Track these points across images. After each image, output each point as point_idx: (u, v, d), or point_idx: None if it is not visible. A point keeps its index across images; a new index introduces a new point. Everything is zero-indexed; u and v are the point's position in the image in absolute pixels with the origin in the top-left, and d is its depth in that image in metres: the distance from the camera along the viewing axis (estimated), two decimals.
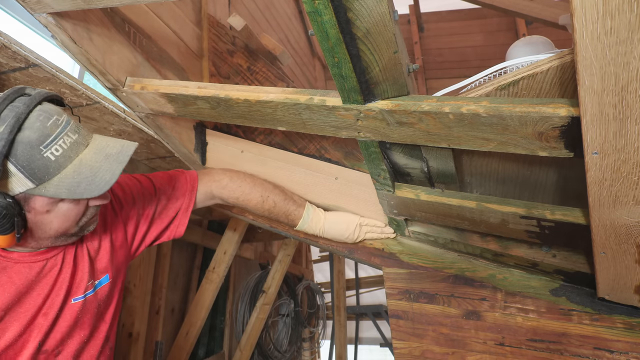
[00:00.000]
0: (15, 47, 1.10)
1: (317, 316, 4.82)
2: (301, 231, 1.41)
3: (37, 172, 0.79)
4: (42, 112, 0.81)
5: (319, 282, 5.37)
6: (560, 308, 1.16)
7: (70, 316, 0.97)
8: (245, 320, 3.39)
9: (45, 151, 0.79)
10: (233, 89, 1.10)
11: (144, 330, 2.35)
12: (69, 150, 0.83)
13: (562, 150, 0.74)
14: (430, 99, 0.81)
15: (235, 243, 2.80)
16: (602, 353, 1.09)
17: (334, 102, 0.90)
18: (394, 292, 1.36)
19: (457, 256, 1.31)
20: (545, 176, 0.96)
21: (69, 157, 0.83)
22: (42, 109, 0.82)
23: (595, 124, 0.61)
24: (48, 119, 0.81)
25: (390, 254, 1.39)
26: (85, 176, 0.83)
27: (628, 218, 0.74)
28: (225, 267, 2.77)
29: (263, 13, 2.78)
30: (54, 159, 0.80)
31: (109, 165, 0.86)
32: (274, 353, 3.77)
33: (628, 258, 0.85)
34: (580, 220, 0.89)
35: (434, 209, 1.11)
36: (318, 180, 1.46)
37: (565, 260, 1.11)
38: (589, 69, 0.55)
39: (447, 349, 1.25)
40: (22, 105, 0.79)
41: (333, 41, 0.72)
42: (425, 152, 0.99)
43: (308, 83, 3.61)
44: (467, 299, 1.26)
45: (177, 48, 1.52)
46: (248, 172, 1.54)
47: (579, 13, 0.50)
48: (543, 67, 0.72)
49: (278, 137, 1.53)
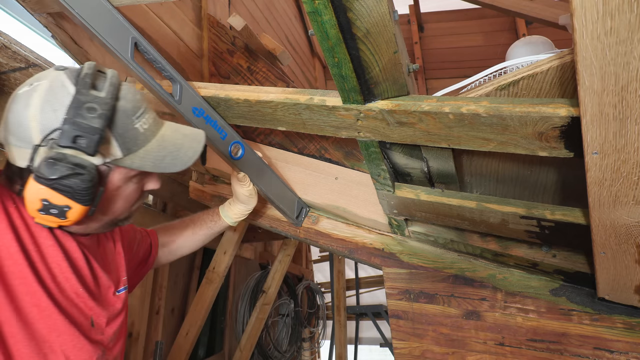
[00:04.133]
0: (15, 47, 1.10)
1: (317, 316, 4.82)
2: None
3: (127, 142, 0.78)
4: (129, 85, 0.82)
5: (319, 282, 5.37)
6: (560, 308, 1.16)
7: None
8: (245, 320, 3.39)
9: (136, 122, 0.79)
10: (233, 89, 1.10)
11: (144, 330, 2.35)
12: (153, 125, 0.84)
13: (562, 150, 0.74)
14: (430, 99, 0.81)
15: (235, 243, 2.80)
16: (602, 353, 1.09)
17: (334, 102, 0.90)
18: (394, 292, 1.36)
19: (457, 256, 1.31)
20: (545, 176, 0.96)
21: (152, 132, 0.83)
22: (126, 83, 0.82)
23: (595, 124, 0.61)
24: (135, 92, 0.82)
25: (390, 254, 1.39)
26: (170, 151, 0.83)
27: (628, 218, 0.74)
28: (225, 267, 2.77)
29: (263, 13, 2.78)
30: (142, 131, 0.80)
31: (189, 142, 0.87)
32: (274, 353, 3.77)
33: (628, 258, 0.85)
34: (580, 220, 0.89)
35: (434, 209, 1.11)
36: (318, 180, 1.46)
37: (565, 260, 1.11)
38: (589, 69, 0.55)
39: (447, 349, 1.25)
40: (114, 76, 0.79)
41: (333, 41, 0.72)
42: (425, 152, 0.99)
43: (308, 83, 3.61)
44: (467, 299, 1.26)
45: (177, 48, 1.52)
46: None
47: (579, 13, 0.50)
48: (543, 67, 0.72)
49: (278, 137, 1.53)
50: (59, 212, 0.74)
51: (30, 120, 0.73)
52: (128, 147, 0.79)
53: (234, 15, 1.71)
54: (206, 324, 2.98)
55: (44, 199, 0.73)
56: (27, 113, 0.73)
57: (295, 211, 1.46)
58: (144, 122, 0.81)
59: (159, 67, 1.01)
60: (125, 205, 0.88)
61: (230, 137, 1.18)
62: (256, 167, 1.28)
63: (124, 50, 0.92)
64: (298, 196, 1.47)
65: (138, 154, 0.81)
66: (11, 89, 1.28)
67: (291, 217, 1.45)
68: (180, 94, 1.04)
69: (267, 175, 1.33)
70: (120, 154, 0.78)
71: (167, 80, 1.04)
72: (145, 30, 1.38)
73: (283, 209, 1.40)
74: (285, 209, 1.41)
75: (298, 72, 3.42)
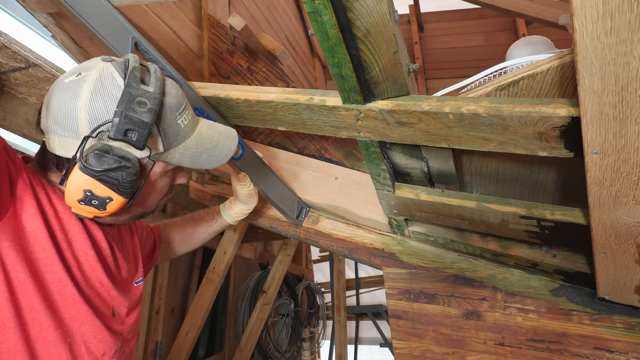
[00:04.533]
0: (15, 47, 1.10)
1: (317, 316, 4.82)
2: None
3: (170, 137, 0.80)
4: (171, 81, 0.83)
5: (319, 282, 5.37)
6: (560, 308, 1.16)
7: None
8: (245, 320, 3.39)
9: (179, 118, 0.81)
10: (233, 89, 1.10)
11: (144, 330, 2.35)
12: (192, 121, 0.85)
13: (562, 150, 0.74)
14: (430, 99, 0.81)
15: (235, 243, 2.80)
16: (602, 353, 1.09)
17: (334, 102, 0.90)
18: (394, 292, 1.36)
19: (457, 256, 1.31)
20: (545, 176, 0.96)
21: (191, 128, 0.85)
22: (168, 78, 0.84)
23: (595, 124, 0.61)
24: (178, 88, 0.83)
25: (390, 254, 1.39)
26: (207, 148, 0.85)
27: (628, 218, 0.74)
28: (225, 267, 2.77)
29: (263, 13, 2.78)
30: (183, 127, 0.82)
31: (224, 140, 0.89)
32: (274, 353, 3.77)
33: (628, 258, 0.85)
34: (580, 220, 0.89)
35: (434, 209, 1.11)
36: (318, 180, 1.46)
37: (565, 260, 1.11)
38: (589, 69, 0.55)
39: (447, 349, 1.25)
40: (157, 70, 0.80)
41: (333, 41, 0.72)
42: (425, 152, 0.99)
43: (308, 83, 3.61)
44: (467, 299, 1.26)
45: (177, 48, 1.52)
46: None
47: (579, 13, 0.50)
48: (543, 67, 0.72)
49: (278, 137, 1.53)
50: (100, 204, 0.75)
51: (79, 110, 0.72)
52: (170, 142, 0.80)
53: (234, 15, 1.71)
54: (206, 324, 2.97)
55: (87, 189, 0.73)
56: (77, 103, 0.72)
57: (296, 211, 1.46)
58: (184, 118, 0.82)
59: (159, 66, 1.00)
60: (157, 199, 0.89)
61: None
62: (256, 167, 1.28)
63: (124, 50, 0.92)
64: (298, 196, 1.47)
65: (178, 149, 0.82)
66: (11, 89, 1.28)
67: (291, 217, 1.45)
68: None
69: (267, 175, 1.33)
70: (162, 148, 0.80)
71: None
72: (145, 30, 1.38)
73: (283, 209, 1.40)
74: (285, 209, 1.41)
75: (298, 72, 3.42)
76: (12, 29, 2.43)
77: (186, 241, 1.34)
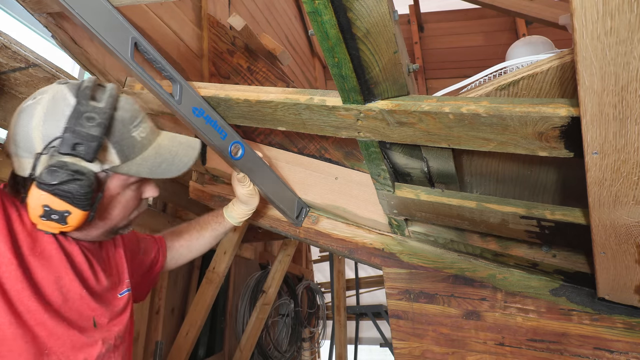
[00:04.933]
0: (15, 47, 1.10)
1: (317, 316, 4.82)
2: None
3: (125, 149, 0.82)
4: (127, 97, 0.87)
5: (319, 282, 5.37)
6: (560, 308, 1.16)
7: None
8: (245, 320, 3.39)
9: (134, 131, 0.84)
10: (233, 89, 1.10)
11: (144, 330, 2.35)
12: (150, 134, 0.89)
13: (562, 150, 0.74)
14: (430, 99, 0.81)
15: (235, 243, 2.80)
16: (602, 353, 1.09)
17: (334, 102, 0.90)
18: (394, 292, 1.36)
19: (457, 256, 1.31)
20: (545, 176, 0.96)
21: (149, 140, 0.88)
22: (125, 95, 0.87)
23: (595, 124, 0.61)
24: (133, 103, 0.87)
25: (390, 254, 1.39)
26: (165, 158, 0.88)
27: (628, 218, 0.74)
28: (225, 267, 2.77)
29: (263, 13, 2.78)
30: (139, 139, 0.85)
31: (184, 150, 0.92)
32: (274, 353, 3.77)
33: (628, 258, 0.85)
34: (580, 220, 0.89)
35: (434, 209, 1.11)
36: (318, 180, 1.46)
37: (565, 260, 1.11)
38: (589, 69, 0.55)
39: (447, 349, 1.25)
40: (113, 88, 0.84)
41: (333, 41, 0.72)
42: (425, 152, 0.99)
43: (308, 83, 3.61)
44: (467, 299, 1.26)
45: (177, 48, 1.53)
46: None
47: (579, 13, 0.50)
48: (543, 67, 0.72)
49: (278, 137, 1.53)
50: (60, 218, 0.77)
51: (34, 130, 0.76)
52: (125, 154, 0.83)
53: (234, 15, 1.71)
54: (206, 324, 2.97)
55: (45, 204, 0.76)
56: (31, 124, 0.77)
57: (296, 211, 1.46)
58: (141, 130, 0.85)
59: (158, 67, 1.01)
60: (123, 213, 0.91)
61: (230, 137, 1.18)
62: (256, 167, 1.28)
63: (124, 50, 0.92)
64: (298, 196, 1.47)
65: (135, 161, 0.84)
66: (11, 89, 1.28)
67: (291, 217, 1.45)
68: (181, 94, 1.04)
69: (267, 175, 1.33)
70: (118, 161, 0.82)
71: (167, 80, 1.04)
72: (145, 30, 1.38)
73: (283, 209, 1.40)
74: (285, 209, 1.41)
75: (298, 72, 3.42)
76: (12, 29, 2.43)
77: (193, 246, 1.36)
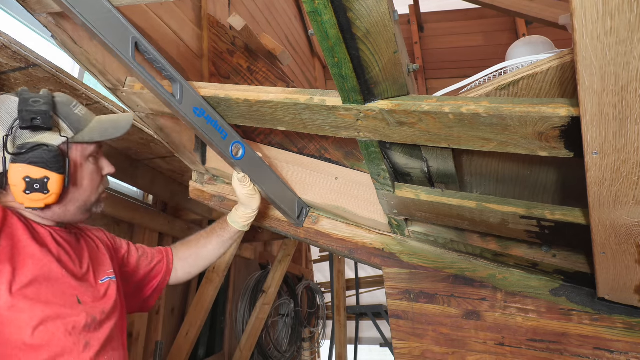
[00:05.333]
0: (15, 47, 1.10)
1: (317, 316, 4.82)
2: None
3: (74, 123, 0.99)
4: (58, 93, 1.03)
5: (319, 282, 5.37)
6: (560, 308, 1.16)
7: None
8: (245, 320, 3.39)
9: (75, 109, 1.01)
10: (233, 89, 1.10)
11: (144, 330, 2.36)
12: (87, 113, 1.06)
13: (562, 150, 0.74)
14: (430, 99, 0.81)
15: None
16: (602, 353, 1.09)
17: (334, 102, 0.90)
18: (394, 292, 1.36)
19: (457, 256, 1.31)
20: (545, 176, 0.96)
21: (90, 116, 1.06)
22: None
23: (595, 124, 0.61)
24: (65, 95, 1.02)
25: (390, 254, 1.39)
26: (109, 125, 1.05)
27: (628, 218, 0.74)
28: (225, 267, 2.77)
29: (263, 13, 2.78)
30: (82, 115, 1.02)
31: (122, 117, 1.10)
32: (274, 353, 3.77)
33: (628, 258, 0.85)
34: (580, 220, 0.89)
35: (434, 209, 1.11)
36: (318, 180, 1.46)
37: (565, 260, 1.11)
38: (589, 69, 0.55)
39: (447, 349, 1.25)
40: (46, 90, 0.98)
41: (333, 41, 0.72)
42: (425, 152, 0.99)
43: (308, 83, 3.61)
44: (467, 299, 1.26)
45: (177, 48, 1.53)
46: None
47: (579, 13, 0.50)
48: (543, 67, 0.72)
49: (278, 137, 1.53)
50: (42, 186, 0.89)
51: None
52: (75, 126, 0.99)
53: (234, 15, 1.71)
54: (206, 324, 2.97)
55: (25, 176, 0.88)
56: None
57: (297, 211, 1.46)
58: (80, 109, 1.03)
59: (159, 67, 1.01)
60: (92, 185, 1.03)
61: (230, 137, 1.18)
62: (257, 168, 1.28)
63: (125, 50, 0.92)
64: (298, 196, 1.47)
65: (85, 131, 1.01)
66: (11, 89, 1.28)
67: (292, 217, 1.45)
68: (181, 94, 1.04)
69: (268, 175, 1.33)
70: (71, 132, 0.98)
71: (168, 80, 1.04)
72: (145, 30, 1.38)
73: (284, 210, 1.40)
74: (286, 209, 1.41)
75: (298, 72, 3.42)
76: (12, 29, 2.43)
77: (201, 254, 1.39)
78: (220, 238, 1.38)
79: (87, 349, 0.90)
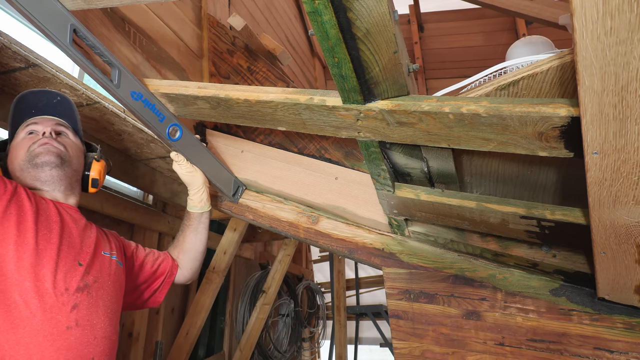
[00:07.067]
0: (15, 47, 1.10)
1: (317, 316, 4.82)
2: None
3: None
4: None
5: (319, 282, 5.37)
6: (560, 308, 1.16)
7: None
8: (245, 320, 3.39)
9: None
10: (233, 89, 1.10)
11: (144, 330, 2.35)
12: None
13: (562, 150, 0.74)
14: (430, 99, 0.81)
15: (235, 243, 2.80)
16: (602, 353, 1.09)
17: (334, 102, 0.90)
18: (394, 292, 1.36)
19: (457, 256, 1.31)
20: (545, 176, 0.96)
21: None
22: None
23: (595, 124, 0.61)
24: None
25: (390, 254, 1.39)
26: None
27: (628, 218, 0.74)
28: (225, 267, 2.77)
29: (263, 13, 2.78)
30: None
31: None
32: (274, 353, 3.77)
33: (628, 258, 0.85)
34: (580, 220, 0.89)
35: (434, 209, 1.11)
36: (318, 180, 1.46)
37: (565, 260, 1.11)
38: (589, 69, 0.55)
39: (447, 349, 1.25)
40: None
41: (333, 41, 0.72)
42: (425, 152, 0.99)
43: (308, 83, 3.61)
44: (467, 299, 1.26)
45: (177, 48, 1.53)
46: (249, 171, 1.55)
47: (579, 13, 0.50)
48: (543, 67, 0.72)
49: (278, 137, 1.53)
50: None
51: None
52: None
53: (234, 15, 1.71)
54: (206, 324, 2.97)
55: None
56: None
57: (232, 189, 1.55)
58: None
59: (98, 52, 1.04)
60: (22, 151, 1.10)
61: (168, 119, 1.23)
62: (194, 148, 1.35)
63: (63, 37, 0.94)
64: (235, 176, 1.55)
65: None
66: (11, 89, 1.28)
67: (227, 194, 1.53)
68: (119, 79, 1.08)
69: (204, 155, 1.40)
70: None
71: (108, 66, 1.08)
72: (145, 30, 1.38)
73: (220, 187, 1.48)
74: (221, 187, 1.49)
75: (298, 72, 3.42)
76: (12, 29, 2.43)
77: (186, 249, 1.46)
78: (190, 227, 1.45)
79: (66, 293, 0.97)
